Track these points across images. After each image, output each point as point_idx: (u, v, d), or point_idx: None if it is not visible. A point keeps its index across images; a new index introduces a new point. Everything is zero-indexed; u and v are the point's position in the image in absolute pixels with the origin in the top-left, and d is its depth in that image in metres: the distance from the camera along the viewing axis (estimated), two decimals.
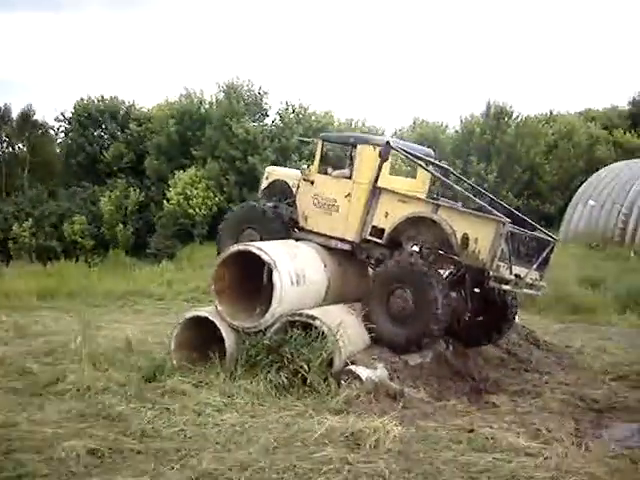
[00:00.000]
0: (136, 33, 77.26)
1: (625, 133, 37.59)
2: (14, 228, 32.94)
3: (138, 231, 35.23)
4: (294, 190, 11.46)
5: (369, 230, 10.43)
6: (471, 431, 7.54)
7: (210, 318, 9.90)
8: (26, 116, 41.23)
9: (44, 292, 22.23)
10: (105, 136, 41.15)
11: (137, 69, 71.57)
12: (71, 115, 40.97)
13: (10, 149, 41.93)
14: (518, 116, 35.13)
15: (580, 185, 29.63)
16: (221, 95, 35.65)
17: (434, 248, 9.94)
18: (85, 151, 39.88)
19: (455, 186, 11.04)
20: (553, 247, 10.34)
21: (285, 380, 8.83)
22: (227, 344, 9.72)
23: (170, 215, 32.97)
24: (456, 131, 38.25)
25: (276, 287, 9.40)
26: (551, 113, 39.15)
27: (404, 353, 9.64)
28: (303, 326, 9.32)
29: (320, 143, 11.15)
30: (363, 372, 8.83)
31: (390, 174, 10.94)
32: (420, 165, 10.76)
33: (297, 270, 9.79)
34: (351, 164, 10.80)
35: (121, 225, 34.87)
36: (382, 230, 10.28)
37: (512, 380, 10.38)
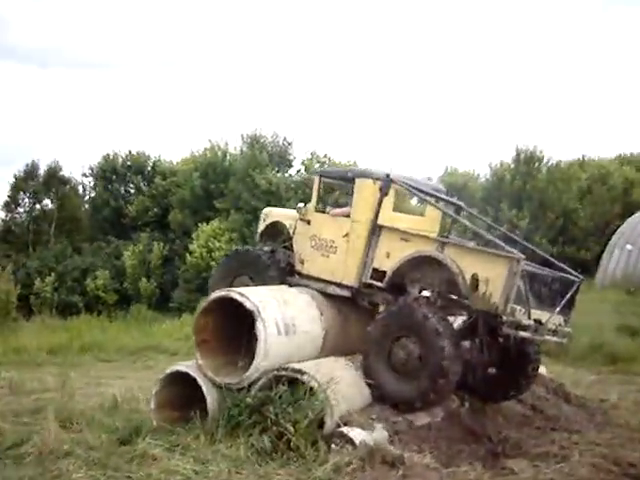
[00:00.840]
0: (162, 88, 78.43)
1: None
2: (36, 283, 32.56)
3: (162, 285, 34.65)
4: (291, 232, 10.51)
5: (369, 273, 9.37)
6: None
7: (190, 374, 8.87)
8: (53, 172, 41.47)
9: (56, 347, 21.61)
10: (131, 191, 41.14)
11: (163, 123, 72.45)
12: (97, 170, 41.16)
13: (38, 205, 41.99)
14: (549, 161, 34.05)
15: (616, 230, 28.21)
16: (245, 147, 35.41)
17: (442, 292, 8.81)
18: (110, 206, 39.87)
19: (466, 223, 9.93)
20: (578, 287, 9.14)
21: (268, 444, 7.70)
22: (208, 403, 8.66)
23: (193, 268, 32.41)
24: (486, 179, 37.27)
25: (260, 338, 8.36)
26: (583, 158, 37.97)
27: (409, 412, 8.46)
28: (290, 382, 8.22)
29: (317, 179, 10.22)
30: (357, 435, 7.66)
31: (395, 211, 9.92)
32: (425, 200, 9.72)
33: (286, 319, 8.74)
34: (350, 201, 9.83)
35: (144, 279, 34.35)
36: (384, 273, 9.21)
37: (536, 441, 9.02)
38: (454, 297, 8.72)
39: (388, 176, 9.36)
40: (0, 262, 32.00)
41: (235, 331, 8.99)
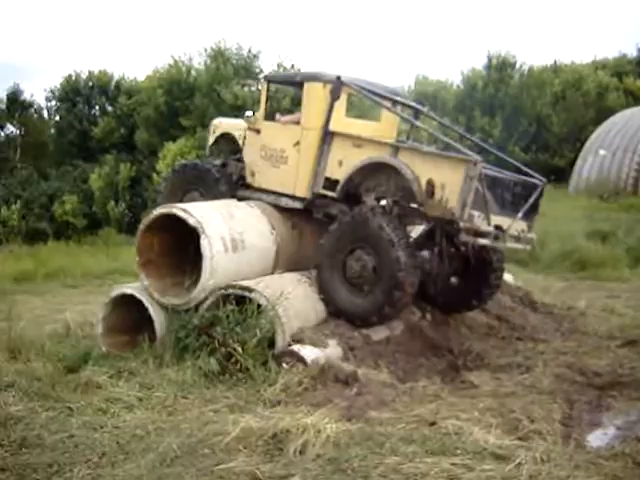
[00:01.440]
0: (123, 3, 74.95)
1: (635, 80, 35.31)
2: (2, 211, 31.65)
3: (131, 207, 33.83)
4: (240, 143, 9.85)
5: (322, 183, 8.80)
6: (433, 424, 5.96)
7: (136, 295, 8.39)
8: (14, 96, 39.71)
9: (21, 275, 21.15)
10: (95, 112, 39.68)
11: (125, 41, 69.51)
12: (60, 93, 39.54)
13: (1, 132, 40.48)
14: (522, 67, 33.06)
15: (590, 135, 27.65)
16: (209, 61, 33.98)
17: (397, 200, 8.29)
18: (75, 129, 38.47)
19: (424, 127, 9.29)
20: (542, 191, 8.65)
21: (216, 366, 7.30)
22: (156, 326, 8.24)
23: None
24: (458, 86, 36.24)
25: (205, 255, 7.85)
26: (557, 63, 36.97)
27: (365, 327, 8.08)
28: (239, 301, 7.76)
29: (265, 85, 9.51)
30: (308, 352, 7.27)
31: (350, 117, 9.28)
32: (379, 103, 9.04)
33: (234, 234, 8.21)
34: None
35: (113, 202, 33.50)
36: (336, 182, 8.64)
37: (500, 352, 8.75)
38: (410, 205, 8.19)
39: (339, 78, 8.66)
40: None
41: (183, 249, 8.48)
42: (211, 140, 10.56)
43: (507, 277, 11.45)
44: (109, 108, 39.22)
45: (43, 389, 7.32)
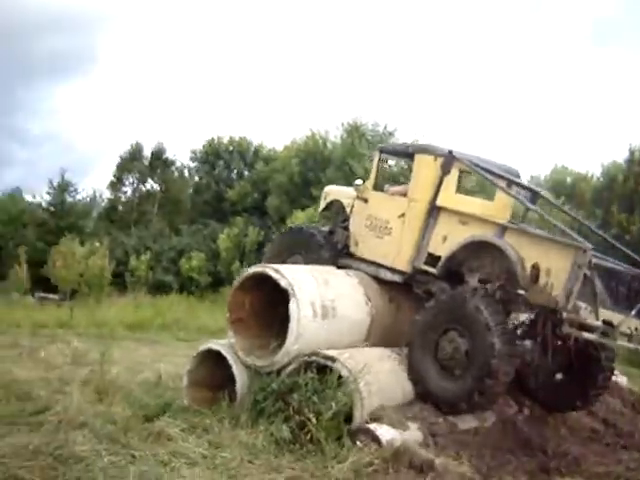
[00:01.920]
0: (268, 75, 78.83)
1: None
2: (132, 261, 33.33)
3: None
4: (348, 211, 9.79)
5: (424, 258, 8.51)
6: None
7: (222, 352, 8.35)
8: (158, 154, 42.40)
9: (137, 323, 21.99)
10: (233, 176, 41.50)
11: (266, 110, 72.76)
12: (201, 154, 41.79)
13: (142, 186, 43.15)
14: None
15: None
16: (344, 135, 34.83)
17: (502, 283, 7.84)
18: (212, 189, 40.36)
19: (535, 209, 8.80)
20: None
21: (288, 434, 7.04)
22: (238, 385, 8.13)
23: None
24: (598, 178, 34.86)
25: (292, 318, 7.71)
26: None
27: (452, 413, 7.57)
28: (322, 370, 7.52)
29: (377, 155, 9.44)
30: (384, 432, 6.87)
31: (460, 193, 9.00)
32: (491, 181, 8.70)
33: (325, 301, 8.05)
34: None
35: (238, 263, 34.44)
36: (439, 258, 8.33)
37: (600, 459, 7.90)
38: (513, 290, 7.71)
39: (450, 152, 8.45)
40: (102, 240, 32.93)
41: (273, 311, 8.39)
42: (322, 206, 10.59)
43: (621, 379, 10.52)
44: (246, 173, 40.93)
45: (114, 434, 7.38)
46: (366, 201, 9.35)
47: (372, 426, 6.94)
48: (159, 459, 6.60)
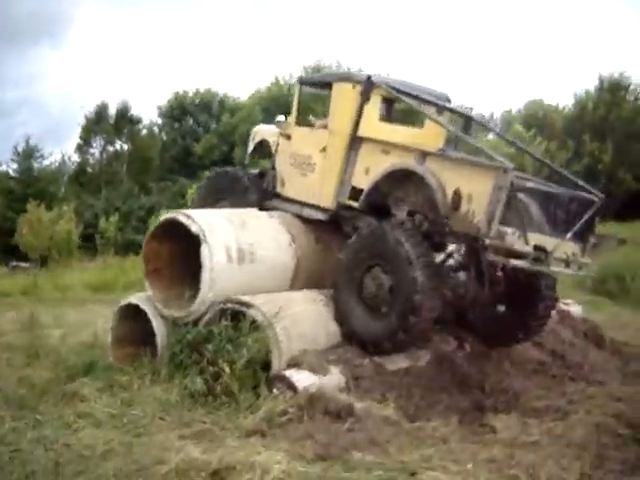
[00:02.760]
0: (229, 23, 76.95)
1: None
2: (101, 223, 32.68)
3: None
4: (273, 150, 9.23)
5: (348, 192, 8.00)
6: (413, 474, 5.02)
7: (140, 306, 7.88)
8: (123, 112, 41.30)
9: (101, 285, 21.50)
10: (199, 129, 40.58)
11: (232, 60, 71.25)
12: (166, 109, 40.77)
13: (110, 147, 42.14)
14: (637, 89, 30.71)
15: None
16: None
17: (425, 213, 7.36)
18: (178, 144, 39.49)
19: (461, 134, 8.23)
20: (599, 208, 7.44)
21: (201, 386, 6.63)
22: (157, 338, 7.69)
23: None
24: (570, 109, 34.29)
25: (205, 265, 7.23)
26: None
27: (378, 353, 7.16)
28: (237, 316, 7.07)
29: (297, 88, 8.83)
30: (302, 379, 6.45)
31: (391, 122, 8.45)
32: (416, 107, 8.10)
33: (242, 244, 7.55)
34: None
35: None
36: (362, 191, 7.81)
37: (543, 393, 7.53)
38: (437, 219, 7.21)
39: (369, 78, 7.86)
40: (70, 204, 32.28)
41: (191, 260, 7.89)
42: (250, 147, 10.02)
43: (575, 308, 10.19)
44: (212, 126, 40.05)
45: (26, 398, 6.97)
46: (289, 138, 8.80)
47: (288, 372, 6.52)
48: (64, 421, 6.20)
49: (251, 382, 6.62)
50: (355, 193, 7.88)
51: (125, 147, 42.31)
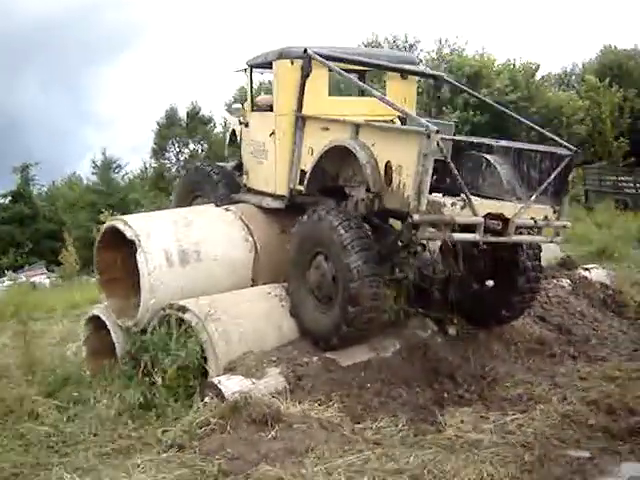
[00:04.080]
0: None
1: None
2: None
3: None
4: (239, 139, 8.79)
5: (297, 177, 7.44)
6: None
7: (101, 317, 7.67)
8: (193, 114, 41.85)
9: None
10: None
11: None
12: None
13: (185, 148, 42.81)
14: None
15: None
16: None
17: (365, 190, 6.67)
18: None
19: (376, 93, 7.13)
20: (570, 163, 6.53)
21: (135, 399, 6.31)
22: (117, 349, 7.43)
23: None
24: None
25: (142, 272, 6.89)
26: None
27: (328, 350, 6.59)
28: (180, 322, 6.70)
29: (248, 71, 8.31)
30: (231, 385, 5.98)
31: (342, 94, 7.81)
32: (346, 77, 7.25)
33: (185, 246, 7.16)
34: None
35: None
36: None
37: (527, 377, 6.74)
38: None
39: (305, 52, 7.23)
40: (150, 208, 32.97)
41: None
42: (227, 138, 9.61)
43: (595, 274, 9.17)
44: None
45: None
46: (247, 125, 8.32)
47: (217, 379, 6.08)
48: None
49: (184, 392, 6.24)
50: (303, 176, 7.31)
51: (200, 148, 42.87)
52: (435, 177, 6.08)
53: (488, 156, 7.01)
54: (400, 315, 7.52)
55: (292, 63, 7.35)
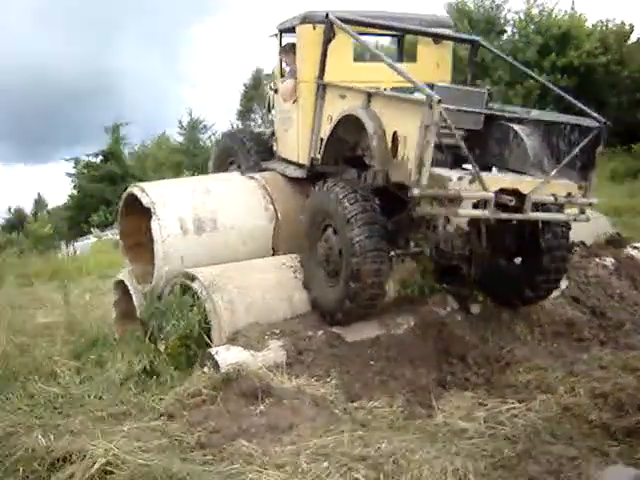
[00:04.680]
0: None
1: None
2: None
3: None
4: (270, 107, 8.66)
5: (318, 146, 7.24)
6: (260, 471, 4.42)
7: (125, 282, 7.81)
8: None
9: None
10: None
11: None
12: None
13: None
14: None
15: None
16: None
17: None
18: None
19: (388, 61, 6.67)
20: (598, 137, 6.04)
21: (140, 366, 6.43)
22: (138, 314, 7.56)
23: None
24: None
25: (155, 239, 6.94)
26: None
27: (334, 324, 6.46)
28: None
29: (278, 36, 8.12)
30: (228, 356, 5.96)
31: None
32: (362, 43, 6.92)
33: (201, 213, 7.15)
34: None
35: None
36: None
37: (544, 363, 6.35)
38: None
39: (327, 16, 6.96)
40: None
41: None
42: (266, 105, 9.48)
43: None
44: None
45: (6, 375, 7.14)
46: (277, 92, 8.17)
47: (215, 350, 6.07)
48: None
49: (188, 360, 6.29)
50: (322, 145, 7.12)
51: None
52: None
53: (516, 127, 6.62)
54: (424, 290, 7.33)
55: (314, 28, 7.12)
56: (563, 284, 7.73)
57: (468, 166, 5.85)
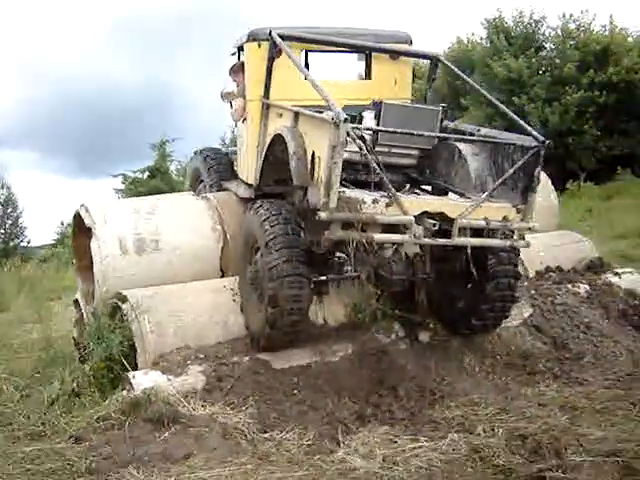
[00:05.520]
0: None
1: None
2: None
3: None
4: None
5: (260, 166, 7.09)
6: None
7: (79, 301, 7.80)
8: None
9: None
10: None
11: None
12: None
13: None
14: None
15: None
16: (490, 34, 31.34)
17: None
18: None
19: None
20: (538, 154, 5.73)
21: (69, 387, 6.35)
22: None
23: None
24: None
25: (94, 260, 6.88)
26: None
27: (262, 350, 6.26)
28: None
29: (237, 54, 8.00)
30: (144, 380, 5.83)
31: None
32: (295, 62, 6.63)
33: (143, 234, 7.07)
34: None
35: None
36: None
37: (484, 396, 6.01)
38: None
39: (270, 33, 6.81)
40: None
41: None
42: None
43: (626, 279, 8.09)
44: None
45: None
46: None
47: (132, 374, 5.95)
48: None
49: (111, 383, 6.19)
50: None
51: None
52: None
53: (462, 146, 6.36)
54: (377, 316, 7.05)
55: (259, 46, 6.98)
56: (526, 312, 7.39)
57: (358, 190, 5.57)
